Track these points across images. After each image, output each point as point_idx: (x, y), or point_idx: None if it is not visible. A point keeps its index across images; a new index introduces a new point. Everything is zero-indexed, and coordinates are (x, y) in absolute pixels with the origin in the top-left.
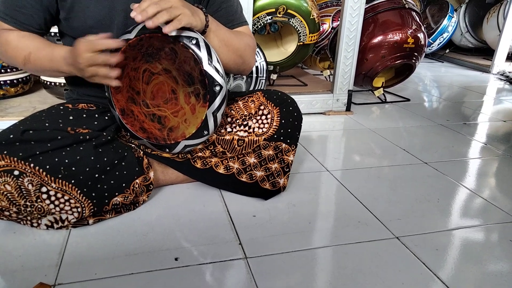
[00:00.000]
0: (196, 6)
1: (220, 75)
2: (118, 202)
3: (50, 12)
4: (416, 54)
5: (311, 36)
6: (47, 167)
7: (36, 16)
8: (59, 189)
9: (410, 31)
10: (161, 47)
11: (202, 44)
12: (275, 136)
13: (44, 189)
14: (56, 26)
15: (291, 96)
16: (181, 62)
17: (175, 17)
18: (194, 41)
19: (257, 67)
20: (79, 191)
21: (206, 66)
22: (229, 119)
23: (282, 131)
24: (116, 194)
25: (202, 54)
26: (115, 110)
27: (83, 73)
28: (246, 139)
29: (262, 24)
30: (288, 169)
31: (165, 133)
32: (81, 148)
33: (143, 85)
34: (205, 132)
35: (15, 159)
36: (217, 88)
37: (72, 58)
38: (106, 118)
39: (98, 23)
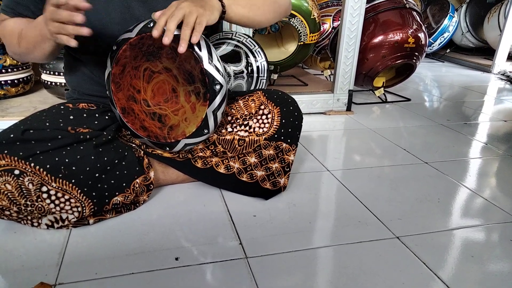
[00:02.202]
0: None
1: (220, 74)
2: (118, 202)
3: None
4: (416, 54)
5: (312, 36)
6: (48, 166)
7: (33, 6)
8: (60, 188)
9: (411, 30)
10: (161, 46)
11: (202, 43)
12: (276, 135)
13: (44, 189)
14: None
15: (292, 95)
16: (181, 61)
17: (194, 23)
18: None
19: (257, 67)
20: (79, 191)
21: (207, 65)
22: (229, 118)
23: (282, 130)
24: (117, 193)
25: (203, 53)
26: (116, 109)
27: (47, 28)
28: (247, 139)
29: None
30: (288, 169)
31: (166, 132)
32: (82, 148)
33: (144, 83)
34: (205, 131)
35: (16, 158)
36: (217, 87)
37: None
38: (107, 117)
39: (96, 20)
